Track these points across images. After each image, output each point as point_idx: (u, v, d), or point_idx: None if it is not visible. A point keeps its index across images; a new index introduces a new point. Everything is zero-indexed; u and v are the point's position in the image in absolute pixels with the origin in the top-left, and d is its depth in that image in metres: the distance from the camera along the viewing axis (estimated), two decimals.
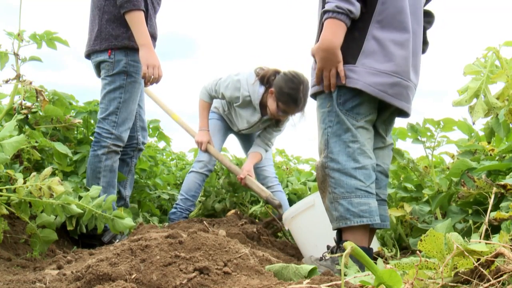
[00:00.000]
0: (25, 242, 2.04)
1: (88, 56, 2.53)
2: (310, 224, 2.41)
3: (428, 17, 2.04)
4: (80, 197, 1.97)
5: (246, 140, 3.55)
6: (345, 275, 1.35)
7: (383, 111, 1.97)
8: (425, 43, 2.07)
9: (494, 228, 1.69)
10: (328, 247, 1.95)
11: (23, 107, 2.36)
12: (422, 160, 2.89)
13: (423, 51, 2.06)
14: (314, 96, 1.99)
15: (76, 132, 2.84)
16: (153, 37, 2.50)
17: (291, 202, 3.37)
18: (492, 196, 1.46)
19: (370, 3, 1.81)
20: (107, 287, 1.22)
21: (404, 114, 2.00)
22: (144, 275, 1.33)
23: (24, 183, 1.82)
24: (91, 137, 2.76)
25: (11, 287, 1.31)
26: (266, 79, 3.02)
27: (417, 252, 1.04)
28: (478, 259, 1.02)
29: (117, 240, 2.37)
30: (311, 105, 3.41)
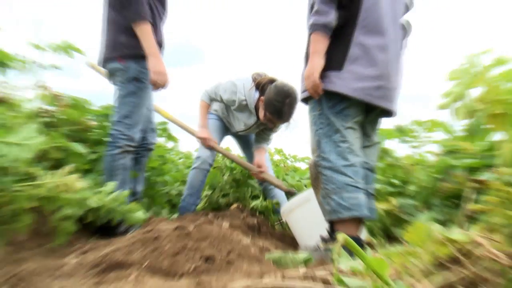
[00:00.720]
0: (48, 233, 2.05)
1: (102, 64, 2.54)
2: (306, 217, 2.43)
3: (406, 27, 2.06)
4: (97, 193, 1.99)
5: (243, 140, 3.57)
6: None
7: (369, 113, 1.98)
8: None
9: (472, 220, 1.70)
10: (321, 237, 1.96)
11: (44, 111, 2.38)
12: (407, 158, 2.90)
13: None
14: (306, 100, 2.00)
15: (92, 134, 2.85)
16: (160, 45, 2.50)
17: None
18: (470, 191, 1.48)
19: (354, 11, 1.83)
20: (121, 274, 1.23)
21: (389, 114, 2.01)
22: (155, 262, 1.35)
23: (47, 180, 1.84)
24: (106, 138, 2.77)
25: (36, 273, 1.32)
26: (261, 86, 3.01)
27: (403, 241, 1.05)
28: (457, 248, 1.03)
29: (131, 231, 2.38)
30: (304, 111, 3.42)
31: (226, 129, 3.45)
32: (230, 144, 3.77)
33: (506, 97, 1.41)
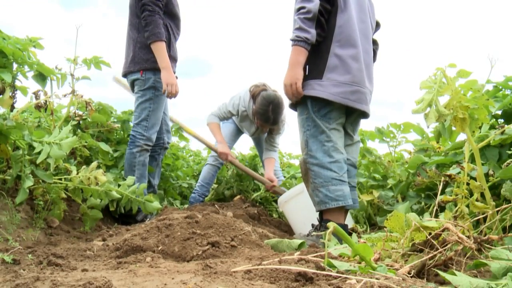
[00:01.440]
0: (79, 219, 2.04)
1: (125, 75, 2.52)
2: (300, 207, 2.40)
3: (374, 44, 2.06)
4: (119, 185, 1.97)
5: (256, 140, 3.50)
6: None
7: (350, 115, 1.97)
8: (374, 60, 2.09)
9: (442, 208, 1.68)
10: (313, 225, 1.94)
11: (76, 115, 2.37)
12: (386, 156, 2.88)
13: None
14: (294, 106, 1.98)
15: (115, 134, 2.84)
16: (174, 59, 2.50)
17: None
18: (440, 184, 1.46)
19: (329, 28, 1.83)
20: (139, 257, 1.22)
21: (365, 115, 1.99)
22: (168, 247, 1.33)
23: (77, 173, 1.83)
24: (127, 138, 2.76)
25: (69, 253, 1.31)
26: (254, 97, 2.95)
27: (384, 228, 1.03)
28: (430, 233, 1.02)
29: (148, 219, 2.37)
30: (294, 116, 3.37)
31: (239, 131, 3.38)
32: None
33: (467, 104, 1.41)
